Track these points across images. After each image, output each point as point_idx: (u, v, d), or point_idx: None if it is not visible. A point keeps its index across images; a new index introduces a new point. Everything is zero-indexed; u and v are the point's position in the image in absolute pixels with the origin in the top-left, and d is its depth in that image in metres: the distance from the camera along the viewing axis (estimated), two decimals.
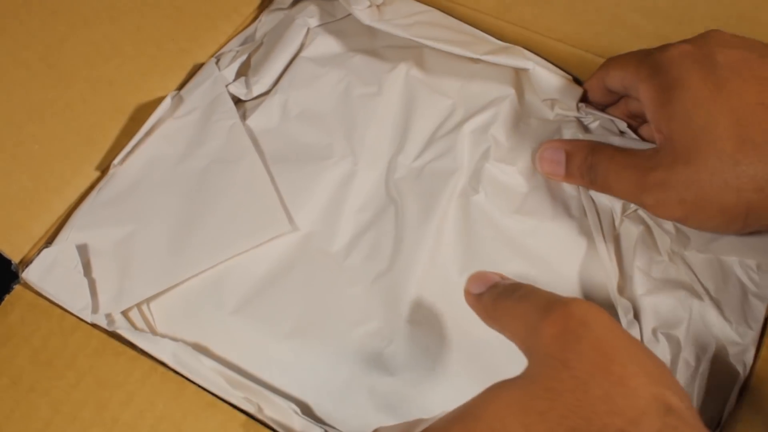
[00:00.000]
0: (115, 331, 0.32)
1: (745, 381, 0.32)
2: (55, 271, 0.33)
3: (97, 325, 0.33)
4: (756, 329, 0.33)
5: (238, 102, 0.40)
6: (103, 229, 0.35)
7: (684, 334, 0.33)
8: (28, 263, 0.34)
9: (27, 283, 0.34)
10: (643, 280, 0.34)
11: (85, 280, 0.33)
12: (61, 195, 0.36)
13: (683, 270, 0.34)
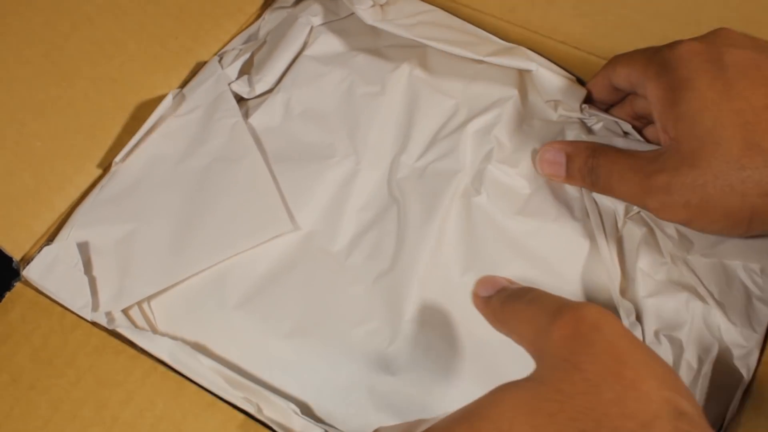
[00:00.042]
0: (115, 329, 0.32)
1: (748, 384, 0.32)
2: (55, 269, 0.33)
3: (97, 324, 0.33)
4: (760, 332, 0.33)
5: (240, 100, 0.40)
6: (105, 227, 0.35)
7: (686, 336, 0.32)
8: (30, 261, 0.34)
9: (28, 280, 0.34)
10: (645, 282, 0.34)
11: (85, 278, 0.33)
12: (62, 193, 0.36)
13: (686, 273, 0.34)
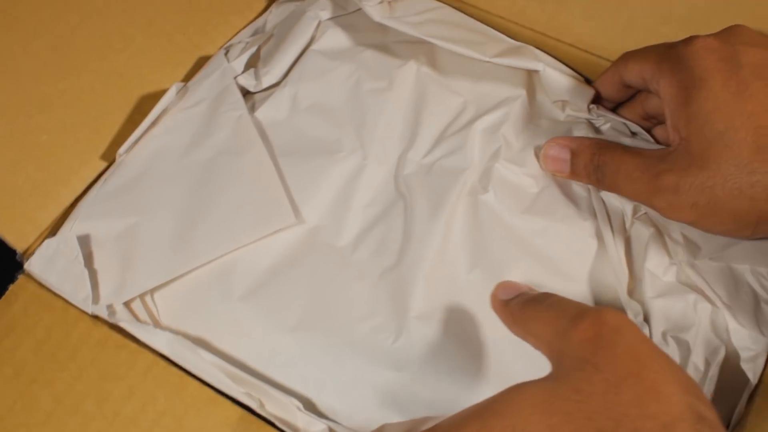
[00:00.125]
0: (115, 322, 0.32)
1: (754, 388, 0.32)
2: (56, 262, 0.33)
3: (100, 318, 0.33)
4: None
5: (247, 94, 0.40)
6: (108, 220, 0.35)
7: (694, 338, 0.32)
8: (33, 253, 0.34)
9: (30, 273, 0.33)
10: (653, 283, 0.34)
11: (86, 271, 0.33)
12: (68, 185, 0.36)
13: (694, 276, 0.34)
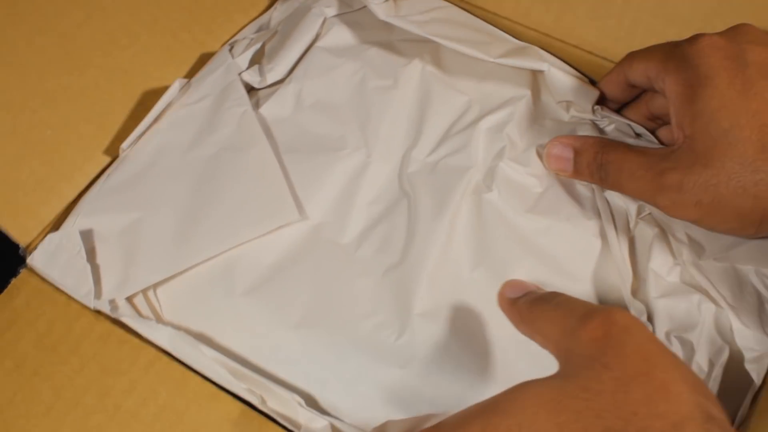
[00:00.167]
0: (117, 317, 0.32)
1: (758, 389, 0.31)
2: (58, 257, 0.33)
3: (102, 313, 0.32)
4: None
5: (251, 90, 0.40)
6: (110, 216, 0.35)
7: (698, 338, 0.32)
8: (36, 248, 0.34)
9: (33, 268, 0.33)
10: (657, 283, 0.34)
11: (88, 265, 0.33)
12: (71, 181, 0.36)
13: (698, 276, 0.34)
